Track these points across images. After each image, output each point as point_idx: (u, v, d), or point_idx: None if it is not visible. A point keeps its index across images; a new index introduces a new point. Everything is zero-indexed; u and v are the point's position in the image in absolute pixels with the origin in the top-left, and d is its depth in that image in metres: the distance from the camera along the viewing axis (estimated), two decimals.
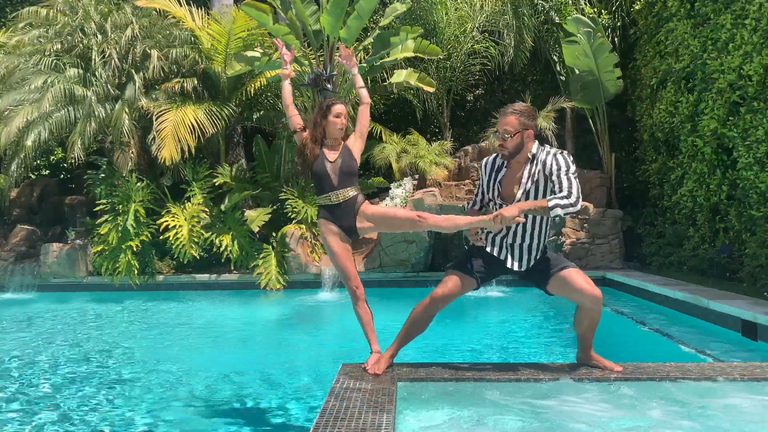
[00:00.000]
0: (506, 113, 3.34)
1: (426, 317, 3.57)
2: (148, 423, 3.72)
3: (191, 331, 6.76)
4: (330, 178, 3.60)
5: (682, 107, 8.82)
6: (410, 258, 9.28)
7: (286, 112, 3.75)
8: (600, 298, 3.36)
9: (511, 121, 3.31)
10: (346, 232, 3.62)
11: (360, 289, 3.66)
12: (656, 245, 9.65)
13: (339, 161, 3.62)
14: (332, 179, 3.59)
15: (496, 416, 3.07)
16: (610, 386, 3.34)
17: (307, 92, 10.51)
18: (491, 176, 3.50)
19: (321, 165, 3.60)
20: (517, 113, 3.33)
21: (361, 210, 3.61)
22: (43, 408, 4.05)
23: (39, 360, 5.40)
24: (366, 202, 3.66)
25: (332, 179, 3.59)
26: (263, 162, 11.27)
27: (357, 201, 3.62)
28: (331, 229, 3.61)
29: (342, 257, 3.62)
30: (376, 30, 10.35)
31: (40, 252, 10.29)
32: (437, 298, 3.52)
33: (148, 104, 10.18)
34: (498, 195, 3.46)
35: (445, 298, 3.52)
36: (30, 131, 9.82)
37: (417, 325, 3.59)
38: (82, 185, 11.36)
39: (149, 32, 10.95)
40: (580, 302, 3.42)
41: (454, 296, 3.55)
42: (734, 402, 3.19)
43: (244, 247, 9.94)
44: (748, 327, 5.59)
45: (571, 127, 12.01)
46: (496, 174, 3.48)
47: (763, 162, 6.94)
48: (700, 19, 8.43)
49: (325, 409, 2.83)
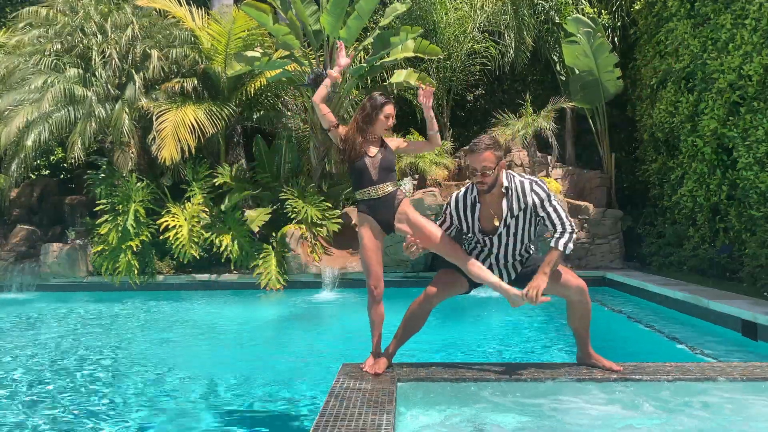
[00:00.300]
0: (480, 150, 3.34)
1: (421, 314, 3.60)
2: (147, 423, 3.72)
3: (191, 331, 6.76)
4: (370, 173, 3.59)
5: (682, 107, 8.82)
6: (410, 258, 9.26)
7: (319, 110, 3.69)
8: (583, 288, 3.41)
9: (489, 157, 3.33)
10: (383, 227, 3.63)
11: (379, 289, 3.63)
12: (656, 245, 9.65)
13: (379, 156, 3.63)
14: (372, 174, 3.59)
15: (496, 416, 3.07)
16: (610, 386, 3.34)
17: (307, 92, 10.51)
18: (467, 215, 3.53)
19: (361, 160, 3.60)
20: (491, 147, 3.35)
21: (400, 208, 3.61)
22: (43, 408, 4.05)
23: (39, 360, 5.39)
24: (406, 200, 3.67)
25: (372, 174, 3.59)
26: (263, 162, 11.27)
27: (396, 196, 3.62)
28: (369, 221, 3.61)
29: (370, 251, 3.61)
30: (376, 30, 10.35)
31: (40, 252, 10.29)
32: (431, 295, 3.55)
33: (148, 104, 10.18)
34: (480, 231, 3.51)
35: (439, 294, 3.55)
36: (30, 131, 9.81)
37: (413, 322, 3.61)
38: (82, 185, 11.36)
39: (149, 32, 10.95)
40: (566, 296, 3.46)
41: (447, 294, 3.59)
42: (734, 402, 3.19)
43: (244, 247, 9.94)
44: (748, 327, 5.59)
45: (571, 127, 12.01)
46: (471, 211, 3.51)
47: (763, 162, 6.94)
48: (700, 19, 8.43)
49: (325, 409, 2.83)
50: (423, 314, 3.60)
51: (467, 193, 3.54)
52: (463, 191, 3.58)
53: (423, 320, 3.63)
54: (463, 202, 3.54)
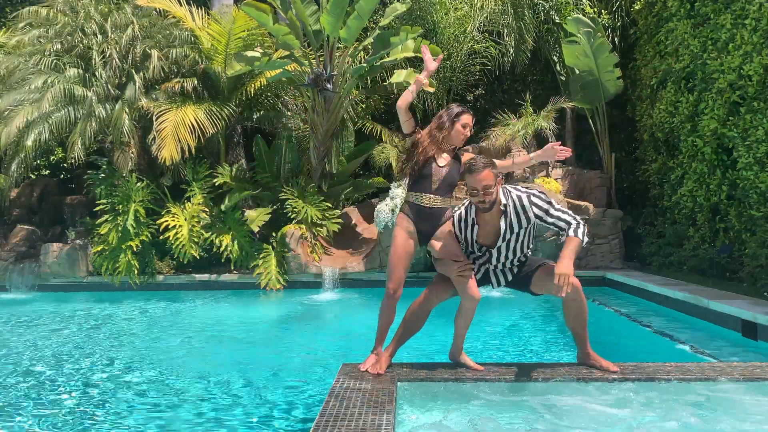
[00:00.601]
0: (478, 169, 3.34)
1: (421, 315, 3.61)
2: (145, 423, 3.72)
3: (191, 331, 6.76)
4: (430, 181, 3.54)
5: (682, 107, 8.82)
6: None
7: (402, 116, 3.65)
8: (577, 287, 3.41)
9: (488, 176, 3.35)
10: (420, 237, 3.59)
11: (397, 294, 3.60)
12: (656, 245, 9.65)
13: (446, 169, 3.57)
14: (433, 183, 3.54)
15: (496, 416, 3.07)
16: (610, 386, 3.34)
17: (307, 92, 10.51)
18: (466, 234, 3.56)
19: (429, 166, 3.54)
20: (489, 165, 3.37)
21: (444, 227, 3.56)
22: (43, 408, 4.05)
23: (39, 360, 5.39)
24: (450, 222, 3.60)
25: (433, 183, 3.54)
26: (263, 162, 11.26)
27: (445, 214, 3.58)
28: (407, 226, 3.58)
29: (399, 254, 3.57)
30: (376, 30, 10.34)
31: (40, 252, 10.29)
32: (431, 296, 3.56)
33: (148, 104, 10.18)
34: (478, 249, 3.56)
35: (439, 295, 3.57)
36: (30, 131, 9.81)
37: (413, 323, 3.62)
38: (82, 185, 11.36)
39: (149, 32, 10.95)
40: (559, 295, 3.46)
41: (447, 295, 3.60)
42: (734, 402, 3.19)
43: (244, 247, 9.94)
44: (748, 327, 5.59)
45: (571, 127, 12.01)
46: (471, 231, 3.54)
47: (763, 162, 6.95)
48: (700, 19, 8.43)
49: (325, 409, 2.83)
50: (423, 315, 3.61)
51: (467, 212, 3.56)
52: (463, 211, 3.59)
53: (423, 321, 3.63)
54: (464, 221, 3.56)
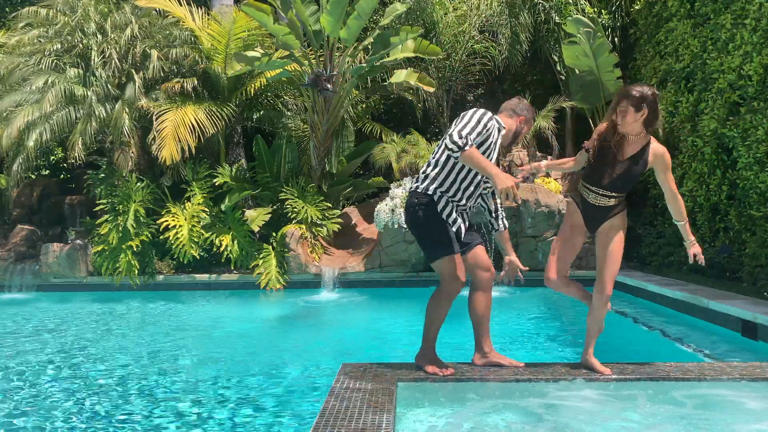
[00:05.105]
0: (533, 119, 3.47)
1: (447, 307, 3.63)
2: (145, 422, 3.72)
3: (191, 331, 6.76)
4: (602, 173, 3.26)
5: (682, 107, 8.82)
6: (410, 258, 9.27)
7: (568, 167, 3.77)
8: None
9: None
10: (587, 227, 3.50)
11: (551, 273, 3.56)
12: (656, 245, 9.65)
13: (626, 165, 3.24)
14: (606, 175, 3.24)
15: (496, 416, 3.07)
16: (610, 386, 3.34)
17: (307, 92, 10.51)
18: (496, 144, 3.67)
19: (606, 153, 3.22)
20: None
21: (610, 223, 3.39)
22: (42, 409, 4.05)
23: (38, 360, 5.39)
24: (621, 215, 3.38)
25: (606, 175, 3.24)
26: (263, 162, 11.27)
27: (612, 211, 3.36)
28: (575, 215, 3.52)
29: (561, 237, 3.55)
30: (376, 30, 10.35)
31: (40, 252, 10.28)
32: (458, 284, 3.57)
33: (148, 104, 10.18)
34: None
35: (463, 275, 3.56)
36: (31, 132, 9.81)
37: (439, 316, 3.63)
38: (82, 185, 11.36)
39: (149, 32, 10.95)
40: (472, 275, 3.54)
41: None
42: (734, 402, 3.19)
43: (244, 247, 9.94)
44: (748, 327, 5.59)
45: (571, 127, 12.01)
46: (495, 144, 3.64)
47: (763, 162, 6.94)
48: (700, 19, 8.43)
49: (325, 409, 2.83)
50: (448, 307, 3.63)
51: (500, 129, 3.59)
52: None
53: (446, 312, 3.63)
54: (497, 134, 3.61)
